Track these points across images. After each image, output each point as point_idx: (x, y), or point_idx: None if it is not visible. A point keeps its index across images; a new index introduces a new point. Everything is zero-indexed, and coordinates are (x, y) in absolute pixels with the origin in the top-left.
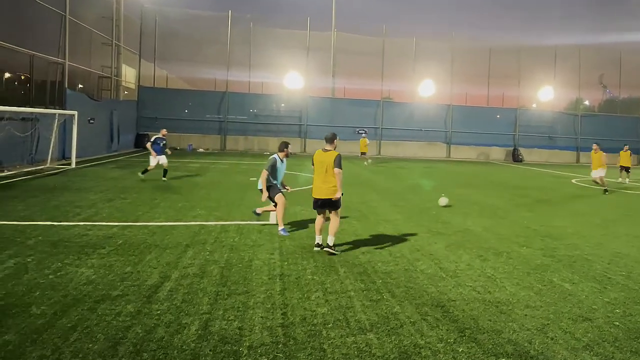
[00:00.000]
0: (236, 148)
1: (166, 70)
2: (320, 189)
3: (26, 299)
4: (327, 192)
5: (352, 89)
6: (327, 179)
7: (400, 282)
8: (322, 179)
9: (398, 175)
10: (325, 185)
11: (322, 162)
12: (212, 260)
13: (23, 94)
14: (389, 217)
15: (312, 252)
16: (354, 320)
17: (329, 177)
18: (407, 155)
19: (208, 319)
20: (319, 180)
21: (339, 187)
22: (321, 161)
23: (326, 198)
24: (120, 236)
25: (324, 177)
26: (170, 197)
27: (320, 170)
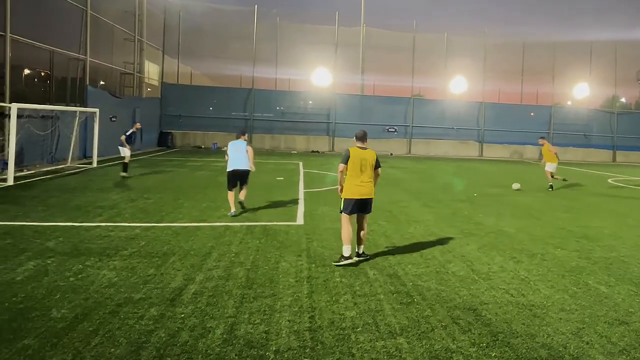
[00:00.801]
0: (262, 147)
1: (190, 66)
2: (361, 187)
3: (46, 302)
4: (368, 191)
5: (382, 86)
6: (365, 177)
7: (431, 284)
8: (361, 177)
9: (429, 175)
10: (365, 184)
11: (364, 159)
12: (238, 262)
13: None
14: (419, 217)
15: (340, 253)
16: (384, 324)
17: (367, 175)
18: (439, 154)
19: (233, 323)
20: (358, 179)
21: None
22: (363, 158)
23: (368, 198)
24: (143, 237)
25: (361, 176)
26: (195, 197)
27: (359, 168)
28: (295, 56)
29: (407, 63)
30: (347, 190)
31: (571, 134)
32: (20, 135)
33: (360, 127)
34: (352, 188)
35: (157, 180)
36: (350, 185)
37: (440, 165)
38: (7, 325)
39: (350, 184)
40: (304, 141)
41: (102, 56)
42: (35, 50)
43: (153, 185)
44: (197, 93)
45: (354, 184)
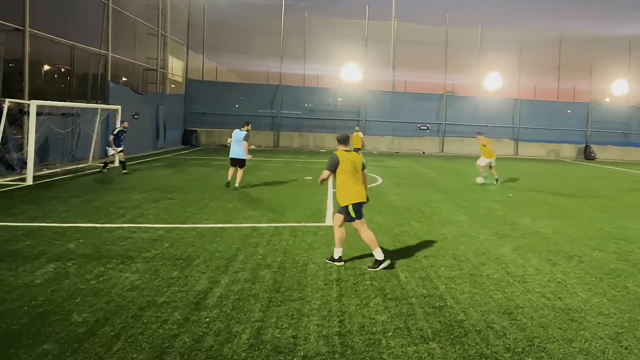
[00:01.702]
0: (290, 145)
1: (215, 62)
2: (361, 189)
3: (66, 305)
4: (365, 193)
5: (413, 82)
6: (358, 180)
7: (465, 287)
8: (355, 180)
9: (462, 174)
10: (362, 186)
11: (354, 162)
12: (265, 265)
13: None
14: (452, 218)
15: (371, 255)
16: (416, 328)
17: (359, 177)
18: (472, 153)
19: (260, 327)
20: (354, 182)
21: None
22: (352, 160)
23: (365, 201)
24: (166, 239)
25: (356, 178)
26: (220, 197)
27: (352, 171)
28: (324, 51)
29: (439, 58)
30: (352, 195)
31: (610, 132)
32: (40, 133)
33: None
34: (355, 191)
35: (181, 179)
36: (351, 190)
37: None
38: (27, 330)
39: (351, 188)
40: (333, 139)
41: (125, 51)
42: (55, 46)
43: (177, 185)
44: (223, 90)
45: (354, 187)
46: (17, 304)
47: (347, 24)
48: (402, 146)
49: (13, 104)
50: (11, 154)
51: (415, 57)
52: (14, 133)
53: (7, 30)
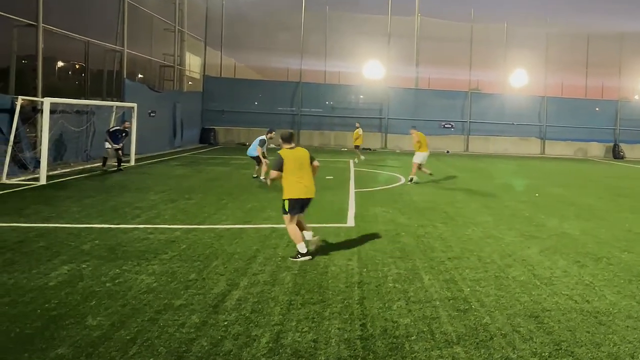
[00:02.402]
0: (311, 143)
1: (234, 58)
2: (307, 184)
3: (81, 308)
4: (313, 189)
5: (437, 79)
6: (306, 175)
7: (490, 290)
8: (301, 175)
9: (487, 174)
10: (309, 182)
11: (298, 157)
12: (285, 267)
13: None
14: (477, 219)
15: (393, 257)
16: (440, 332)
17: (307, 174)
18: (498, 152)
19: (280, 331)
20: (298, 178)
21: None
22: (297, 157)
23: (309, 198)
24: (184, 240)
25: (301, 174)
26: (239, 197)
27: (298, 168)
28: (346, 47)
29: (464, 55)
30: (292, 191)
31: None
32: (54, 131)
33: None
34: (296, 188)
35: (199, 179)
36: (293, 186)
37: (499, 164)
38: (40, 334)
39: (293, 184)
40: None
41: (141, 48)
42: (69, 41)
43: (194, 184)
44: (241, 87)
45: (297, 183)
46: (31, 307)
47: (369, 19)
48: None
49: (26, 101)
50: (24, 153)
51: (439, 54)
52: (27, 131)
53: (20, 26)
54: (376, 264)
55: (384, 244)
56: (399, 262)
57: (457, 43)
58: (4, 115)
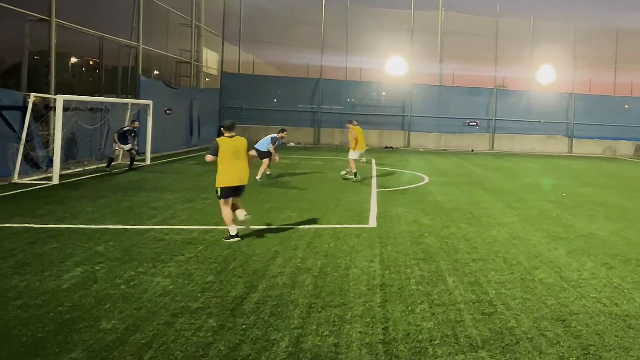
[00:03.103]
0: (332, 142)
1: (253, 54)
2: (236, 174)
3: (95, 312)
4: (244, 177)
5: (462, 76)
6: (240, 164)
7: (516, 293)
8: (235, 165)
9: (514, 173)
10: (241, 171)
11: (235, 147)
12: (305, 269)
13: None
14: (503, 220)
15: (417, 259)
16: (464, 336)
17: (242, 162)
18: (524, 151)
19: (300, 335)
20: (233, 167)
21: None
22: (233, 146)
23: (243, 185)
24: (201, 241)
25: (236, 162)
26: (257, 197)
27: (230, 156)
28: (368, 43)
29: (489, 51)
30: (224, 179)
31: None
32: (67, 130)
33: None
34: (229, 176)
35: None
36: (226, 174)
37: (525, 163)
38: (53, 338)
39: (226, 172)
40: (377, 136)
41: (157, 43)
42: (83, 37)
43: (212, 184)
44: (260, 84)
45: (230, 172)
46: (43, 310)
47: (391, 14)
48: (450, 143)
49: (39, 99)
50: (37, 151)
51: (464, 49)
52: (39, 130)
53: (33, 21)
54: (399, 266)
55: (407, 245)
56: (423, 264)
57: (483, 38)
58: (16, 113)
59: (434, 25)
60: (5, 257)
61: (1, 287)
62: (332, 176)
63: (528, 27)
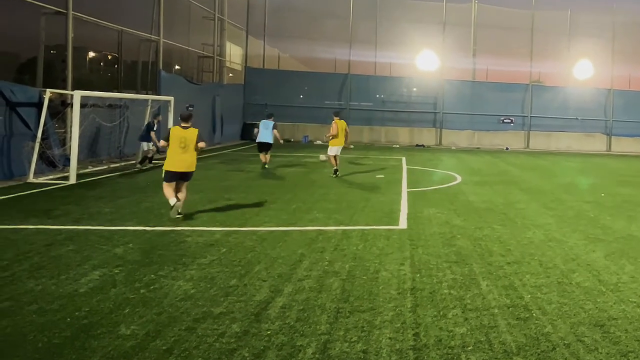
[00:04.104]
0: (360, 140)
1: (278, 48)
2: (180, 161)
3: (113, 317)
4: (186, 165)
5: (496, 71)
6: (186, 153)
7: (553, 297)
8: (182, 153)
9: (550, 172)
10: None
11: (184, 138)
12: (332, 272)
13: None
14: (538, 221)
15: (448, 262)
16: (498, 342)
17: (189, 151)
18: (560, 149)
19: (327, 341)
20: (177, 155)
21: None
22: (183, 137)
23: (185, 171)
24: (224, 243)
25: (183, 152)
26: (283, 197)
27: (179, 145)
28: (397, 37)
29: (524, 44)
30: (169, 164)
31: None
32: (84, 127)
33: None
34: (173, 162)
35: (240, 178)
36: (171, 160)
37: (562, 161)
38: (70, 344)
39: (172, 158)
40: (407, 134)
41: (178, 37)
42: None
43: (235, 184)
44: (286, 79)
45: (175, 159)
46: (60, 315)
47: (422, 6)
48: (483, 141)
49: (55, 94)
50: (53, 150)
51: (498, 43)
52: (56, 127)
53: (49, 14)
54: (430, 269)
55: (438, 247)
56: (455, 267)
57: (517, 32)
58: (31, 109)
59: (467, 17)
60: (20, 259)
61: (16, 291)
62: (360, 175)
63: (565, 20)
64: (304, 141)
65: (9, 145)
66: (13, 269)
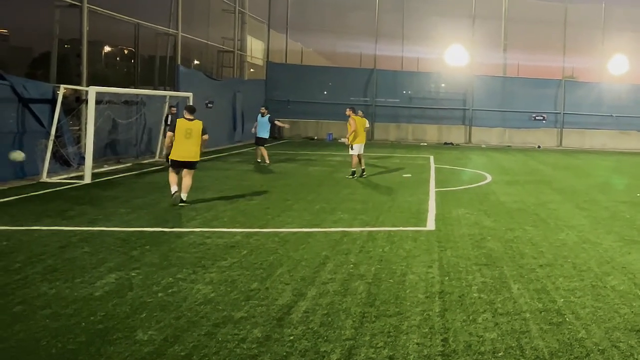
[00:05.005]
0: (386, 138)
1: (301, 42)
2: (185, 151)
3: (130, 321)
4: (191, 155)
5: (528, 66)
6: (191, 143)
7: (587, 301)
8: (186, 143)
9: (583, 171)
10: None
11: (189, 129)
12: (357, 275)
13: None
14: (572, 222)
15: (478, 264)
16: (530, 347)
17: (194, 142)
18: (595, 147)
19: (352, 346)
20: (182, 145)
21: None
22: (188, 128)
23: (189, 160)
24: (244, 245)
25: (187, 142)
26: (306, 197)
27: (184, 136)
28: (425, 31)
29: (557, 39)
30: (174, 153)
31: None
32: (100, 124)
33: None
34: (178, 152)
35: (261, 177)
36: (176, 150)
37: (596, 160)
38: (85, 349)
39: (177, 148)
40: (435, 131)
41: (197, 31)
42: (117, 24)
43: (256, 183)
44: (309, 74)
45: (180, 149)
46: (74, 320)
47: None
48: (514, 139)
49: (69, 90)
50: (67, 148)
51: (530, 37)
52: (70, 124)
53: (63, 6)
54: (459, 271)
55: (467, 249)
56: (485, 269)
57: (550, 25)
58: (44, 106)
59: (497, 11)
60: (33, 262)
61: (29, 295)
62: (387, 175)
63: (599, 14)
64: (328, 139)
65: (22, 143)
66: (26, 272)
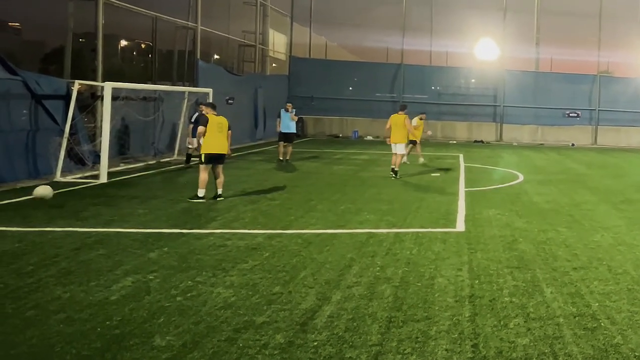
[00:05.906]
0: None
1: (325, 36)
2: (218, 145)
3: (147, 326)
4: (224, 148)
5: (561, 61)
6: (222, 137)
7: (622, 305)
8: (218, 137)
9: (620, 170)
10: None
11: (219, 123)
12: (384, 278)
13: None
14: (607, 223)
15: (510, 267)
16: (564, 353)
17: (223, 135)
18: (632, 145)
19: (378, 352)
20: (216, 139)
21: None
22: (218, 122)
23: (222, 153)
24: (266, 247)
25: (219, 135)
26: (330, 197)
27: (217, 130)
28: (454, 24)
29: (592, 32)
30: (208, 147)
31: None
32: (116, 121)
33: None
34: (212, 146)
35: (284, 177)
36: (210, 144)
37: (633, 159)
38: (100, 356)
39: (211, 142)
40: (465, 129)
41: (217, 24)
42: (134, 17)
43: (279, 183)
44: (334, 69)
45: (215, 142)
46: (89, 325)
47: None
48: (547, 137)
49: (84, 86)
50: (82, 146)
51: (563, 31)
52: (85, 121)
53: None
54: (490, 275)
55: (498, 251)
56: (517, 272)
57: (584, 19)
58: (58, 102)
59: (529, 3)
60: (47, 264)
61: (42, 299)
62: (414, 174)
63: (635, 6)
64: (354, 137)
65: (35, 141)
66: (39, 275)
